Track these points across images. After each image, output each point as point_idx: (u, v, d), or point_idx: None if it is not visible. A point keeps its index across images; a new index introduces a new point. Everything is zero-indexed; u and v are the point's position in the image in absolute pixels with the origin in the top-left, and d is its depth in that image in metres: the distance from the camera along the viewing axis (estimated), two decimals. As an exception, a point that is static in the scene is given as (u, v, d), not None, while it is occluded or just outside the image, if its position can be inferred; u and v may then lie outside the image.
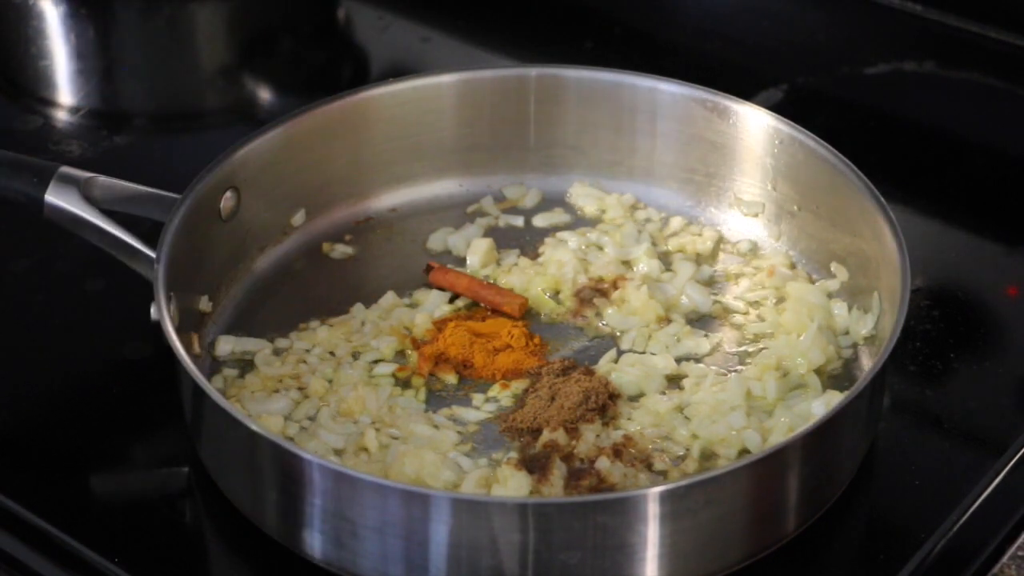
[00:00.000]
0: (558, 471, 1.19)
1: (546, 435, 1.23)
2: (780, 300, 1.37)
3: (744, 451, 1.23)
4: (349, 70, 1.77)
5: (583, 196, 1.49)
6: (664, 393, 1.29)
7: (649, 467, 1.21)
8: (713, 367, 1.31)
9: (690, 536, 1.11)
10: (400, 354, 1.33)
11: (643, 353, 1.32)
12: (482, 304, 1.37)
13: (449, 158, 1.49)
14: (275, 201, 1.41)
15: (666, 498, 1.09)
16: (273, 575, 1.17)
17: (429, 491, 1.13)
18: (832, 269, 1.38)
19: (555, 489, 1.18)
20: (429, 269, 1.40)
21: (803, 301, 1.35)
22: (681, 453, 1.23)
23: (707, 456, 1.23)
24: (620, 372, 1.29)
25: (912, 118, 1.65)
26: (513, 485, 1.18)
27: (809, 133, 1.38)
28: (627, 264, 1.41)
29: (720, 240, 1.44)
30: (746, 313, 1.37)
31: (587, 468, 1.20)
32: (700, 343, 1.33)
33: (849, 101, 1.67)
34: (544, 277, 1.39)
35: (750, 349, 1.33)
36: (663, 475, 1.21)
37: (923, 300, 1.38)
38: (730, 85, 1.44)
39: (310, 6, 1.85)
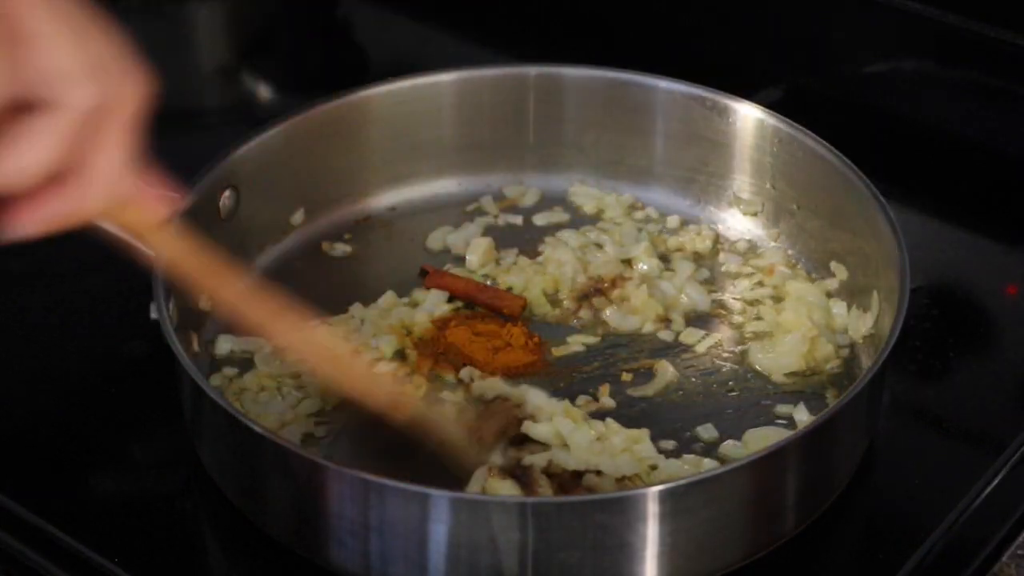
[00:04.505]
0: (545, 484, 1.18)
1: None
2: (779, 299, 1.37)
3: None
4: (348, 69, 1.77)
5: (582, 195, 1.49)
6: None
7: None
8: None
9: (689, 535, 1.11)
10: (399, 353, 1.33)
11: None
12: (479, 307, 1.37)
13: (448, 157, 1.49)
14: (274, 200, 1.41)
15: (665, 497, 1.09)
16: (273, 575, 1.17)
17: (428, 490, 1.12)
18: (831, 268, 1.38)
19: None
20: (424, 273, 1.40)
21: (802, 300, 1.35)
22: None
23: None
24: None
25: (912, 117, 1.64)
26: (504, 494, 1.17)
27: (808, 132, 1.38)
28: (627, 263, 1.41)
29: (719, 239, 1.44)
30: (745, 312, 1.37)
31: (576, 483, 1.19)
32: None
33: (849, 100, 1.67)
34: (543, 276, 1.39)
35: (749, 348, 1.33)
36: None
37: (923, 299, 1.38)
38: (729, 84, 1.44)
39: (309, 5, 1.85)
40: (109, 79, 0.93)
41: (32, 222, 0.95)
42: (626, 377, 1.30)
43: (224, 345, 1.32)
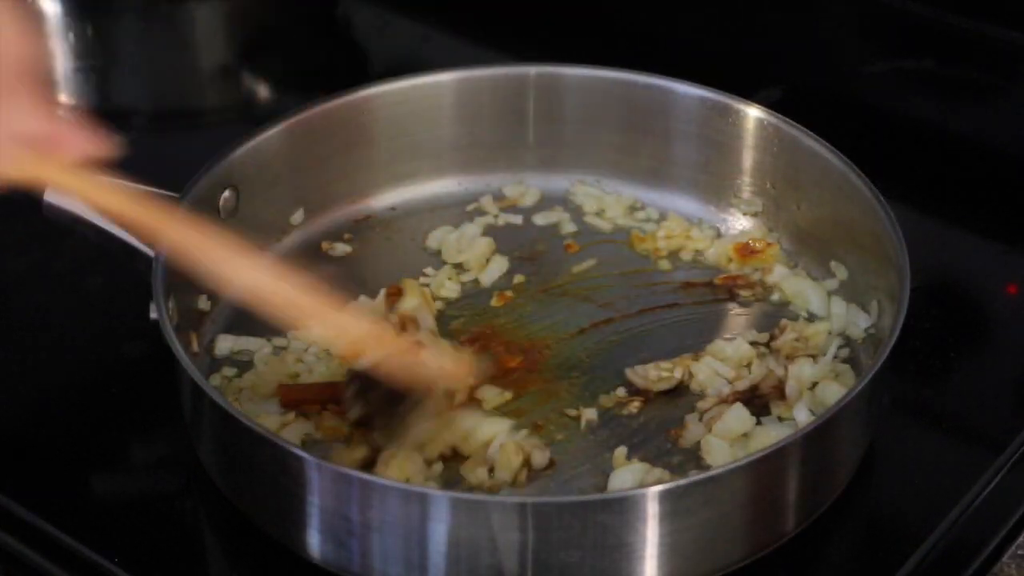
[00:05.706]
0: None
1: None
2: (780, 299, 1.37)
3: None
4: (348, 69, 1.77)
5: (582, 195, 1.49)
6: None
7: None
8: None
9: (689, 535, 1.11)
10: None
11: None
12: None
13: (448, 156, 1.49)
14: (274, 200, 1.41)
15: (665, 497, 1.09)
16: (272, 575, 1.17)
17: (428, 490, 1.13)
18: (831, 268, 1.38)
19: None
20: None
21: (803, 300, 1.35)
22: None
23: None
24: None
25: (912, 117, 1.65)
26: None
27: (808, 131, 1.38)
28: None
29: (719, 238, 1.44)
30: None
31: None
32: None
33: (849, 100, 1.67)
34: None
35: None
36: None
37: (923, 299, 1.38)
38: (729, 83, 1.44)
39: (309, 5, 1.85)
40: None
41: None
42: None
43: (224, 345, 1.32)
